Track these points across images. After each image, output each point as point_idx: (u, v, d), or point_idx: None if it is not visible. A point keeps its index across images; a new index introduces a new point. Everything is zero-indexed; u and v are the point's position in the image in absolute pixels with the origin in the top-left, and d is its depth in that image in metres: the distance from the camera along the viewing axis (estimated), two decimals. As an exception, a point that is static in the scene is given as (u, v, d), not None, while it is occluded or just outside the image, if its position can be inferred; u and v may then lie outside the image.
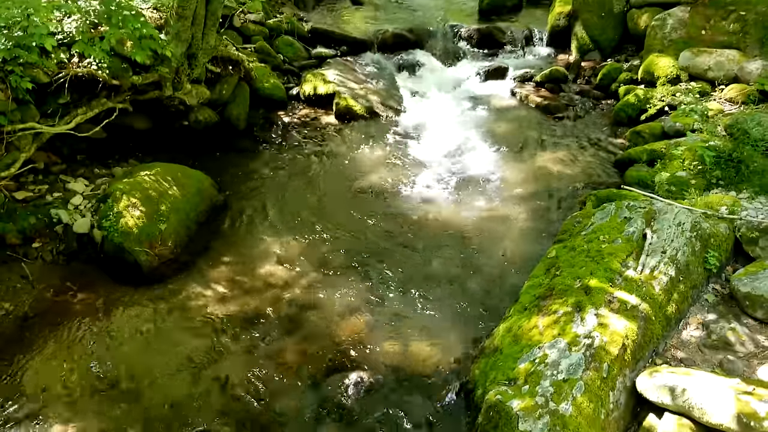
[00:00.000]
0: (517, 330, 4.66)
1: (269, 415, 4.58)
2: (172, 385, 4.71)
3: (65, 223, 5.78)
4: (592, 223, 5.38)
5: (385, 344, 5.15)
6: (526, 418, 3.89)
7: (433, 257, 6.11)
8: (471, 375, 4.72)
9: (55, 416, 4.40)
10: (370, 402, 4.68)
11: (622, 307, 4.43)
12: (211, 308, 5.39)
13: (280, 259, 6.02)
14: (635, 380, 4.18)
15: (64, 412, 4.43)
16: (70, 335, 4.98)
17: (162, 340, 5.04)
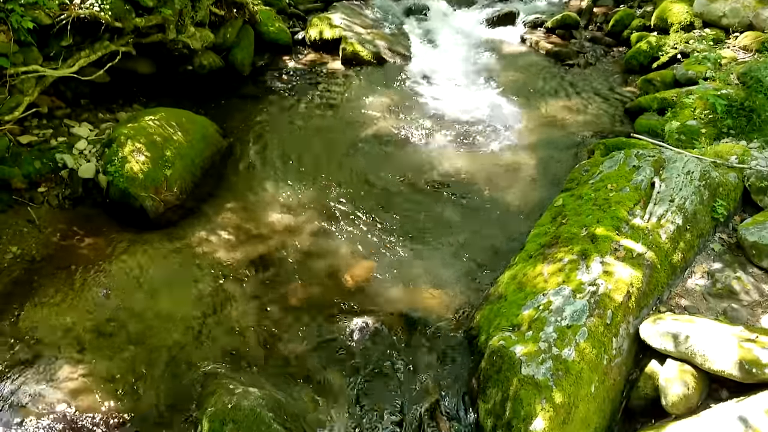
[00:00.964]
0: (522, 278, 4.67)
1: (274, 359, 4.64)
2: (179, 327, 4.76)
3: (70, 167, 5.76)
4: (600, 171, 5.34)
5: (391, 291, 5.18)
6: (529, 363, 3.93)
7: (440, 205, 6.09)
8: (475, 321, 4.76)
9: (65, 357, 4.47)
10: (375, 347, 4.73)
11: (627, 256, 4.43)
12: (217, 254, 5.41)
13: (286, 205, 6.01)
14: (638, 327, 4.21)
15: (73, 353, 4.49)
16: (77, 279, 5.01)
17: (168, 284, 5.07)
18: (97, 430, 4.07)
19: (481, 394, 4.16)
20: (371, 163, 6.65)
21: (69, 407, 4.16)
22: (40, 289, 4.92)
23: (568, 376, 3.87)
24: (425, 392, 4.44)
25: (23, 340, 4.56)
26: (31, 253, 5.18)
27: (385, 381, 4.51)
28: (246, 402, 4.07)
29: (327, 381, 4.52)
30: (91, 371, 4.40)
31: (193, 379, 4.45)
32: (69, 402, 4.19)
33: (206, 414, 4.07)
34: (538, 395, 3.83)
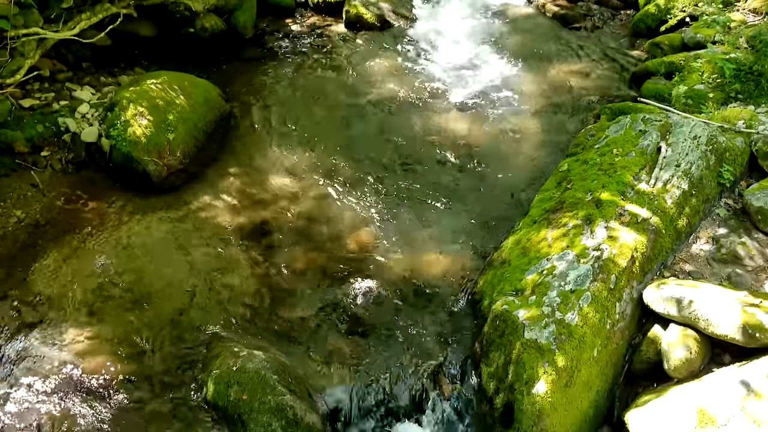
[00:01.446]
0: (526, 243, 4.66)
1: (278, 322, 4.67)
2: (183, 291, 4.78)
3: (73, 131, 5.73)
4: (606, 136, 5.29)
5: (394, 255, 5.18)
6: (532, 327, 3.95)
7: (445, 170, 6.06)
8: (478, 286, 4.77)
9: (70, 321, 4.50)
10: (378, 311, 4.75)
11: (632, 221, 4.41)
12: (221, 218, 5.41)
13: (289, 170, 5.99)
14: (642, 292, 4.21)
15: (79, 316, 4.53)
16: (81, 243, 5.02)
17: (173, 248, 5.08)
18: (103, 392, 4.12)
19: (484, 357, 4.19)
20: (375, 128, 6.60)
21: (75, 369, 4.21)
22: (44, 253, 4.93)
23: (571, 340, 3.89)
24: (428, 356, 4.47)
25: (29, 303, 4.59)
26: (35, 217, 5.19)
27: (388, 345, 4.54)
28: (250, 364, 4.11)
29: (331, 344, 4.55)
30: (97, 334, 4.44)
31: (197, 342, 4.49)
32: (75, 364, 4.23)
33: (211, 376, 4.12)
34: (541, 359, 3.85)
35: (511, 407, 3.87)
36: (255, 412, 3.92)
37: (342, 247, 5.24)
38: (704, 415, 3.59)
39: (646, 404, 3.88)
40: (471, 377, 4.31)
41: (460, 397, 4.28)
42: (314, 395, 4.24)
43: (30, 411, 3.99)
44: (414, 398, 4.29)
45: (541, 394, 3.79)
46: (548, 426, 3.80)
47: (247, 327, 4.64)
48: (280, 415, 3.90)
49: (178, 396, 4.21)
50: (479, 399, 4.18)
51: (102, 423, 3.98)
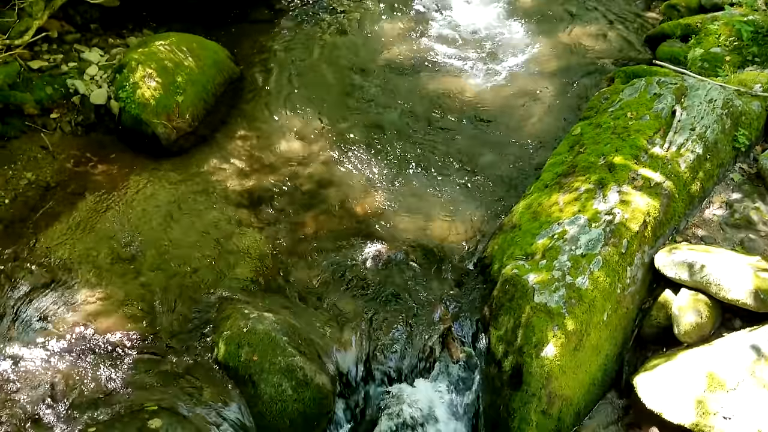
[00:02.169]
0: (537, 207, 4.63)
1: (288, 285, 4.70)
2: (193, 254, 4.79)
3: (82, 93, 5.70)
4: (620, 99, 5.21)
5: (404, 220, 5.17)
6: (542, 291, 3.95)
7: (456, 134, 6.00)
8: (488, 250, 4.76)
9: (81, 282, 4.53)
10: (388, 274, 4.76)
11: (645, 185, 4.37)
12: (231, 182, 5.40)
13: (299, 134, 5.95)
14: (654, 257, 4.20)
15: (90, 278, 4.55)
16: (92, 205, 5.03)
17: (183, 211, 5.09)
18: (115, 351, 4.17)
19: (493, 321, 4.20)
20: (385, 91, 6.53)
21: (87, 329, 4.25)
22: (55, 216, 4.94)
23: (581, 304, 3.89)
24: (437, 319, 4.49)
25: (41, 264, 4.61)
26: (45, 179, 5.19)
27: (397, 308, 4.56)
28: (261, 326, 4.13)
29: (340, 307, 4.57)
30: (108, 295, 4.47)
31: (208, 303, 4.52)
32: (87, 324, 4.27)
33: (222, 337, 4.15)
34: (551, 322, 3.86)
35: (520, 370, 3.89)
36: (265, 372, 3.96)
37: (351, 210, 5.23)
38: (713, 379, 3.60)
39: (654, 368, 3.89)
40: (480, 341, 4.33)
41: (469, 360, 4.31)
42: (324, 357, 4.27)
43: (44, 370, 4.04)
44: (423, 361, 4.32)
45: (550, 357, 3.81)
46: (556, 388, 3.82)
47: (257, 289, 4.66)
48: (291, 376, 3.94)
49: (189, 356, 4.24)
50: (488, 362, 4.20)
51: (114, 382, 4.03)
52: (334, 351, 4.31)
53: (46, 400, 3.91)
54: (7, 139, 5.28)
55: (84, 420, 3.85)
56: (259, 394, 3.95)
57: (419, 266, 4.81)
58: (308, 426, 3.98)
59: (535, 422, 3.81)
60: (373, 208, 5.26)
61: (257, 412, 3.96)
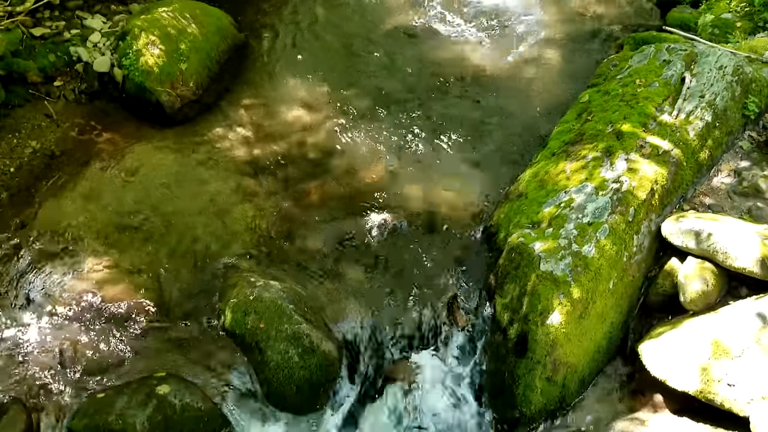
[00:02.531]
0: (544, 175, 4.61)
1: (294, 253, 4.70)
2: (199, 223, 4.79)
3: (85, 61, 5.65)
4: (628, 66, 5.14)
5: (409, 189, 5.15)
6: (548, 259, 3.94)
7: (462, 102, 5.94)
8: (494, 219, 4.74)
9: (88, 250, 4.54)
10: (393, 243, 4.76)
11: (653, 153, 4.33)
12: (235, 150, 5.37)
13: (304, 102, 5.90)
14: (660, 225, 4.18)
15: (97, 246, 4.57)
16: (96, 173, 5.02)
17: (187, 180, 5.07)
18: (122, 319, 4.20)
19: (499, 289, 4.20)
20: (390, 58, 6.45)
21: (94, 297, 4.27)
22: (60, 184, 4.94)
23: (587, 272, 3.88)
24: (442, 288, 4.50)
25: (46, 233, 4.62)
26: (50, 147, 5.18)
27: (402, 276, 4.57)
28: (267, 294, 4.15)
29: (345, 276, 4.58)
30: (115, 263, 4.49)
31: (214, 272, 4.54)
32: (94, 292, 4.29)
33: (229, 305, 4.17)
34: (556, 290, 3.86)
35: (525, 338, 3.90)
36: (272, 340, 3.99)
37: (357, 179, 5.21)
38: (718, 347, 3.61)
39: (660, 336, 3.89)
40: (485, 309, 4.34)
41: (474, 328, 4.33)
42: (330, 325, 4.29)
43: (52, 337, 4.08)
44: (428, 328, 4.34)
45: (555, 324, 3.82)
46: (561, 356, 3.84)
47: (263, 258, 4.67)
48: (297, 343, 3.96)
49: (196, 324, 4.28)
50: (493, 330, 4.21)
51: (122, 349, 4.08)
52: (339, 319, 4.33)
53: (55, 367, 3.96)
54: (10, 107, 5.25)
55: (93, 386, 3.90)
56: (265, 361, 3.98)
57: (425, 235, 4.80)
58: (314, 392, 4.01)
59: (539, 389, 3.84)
60: (378, 176, 5.24)
61: (264, 379, 4.00)
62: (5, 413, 3.68)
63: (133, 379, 3.91)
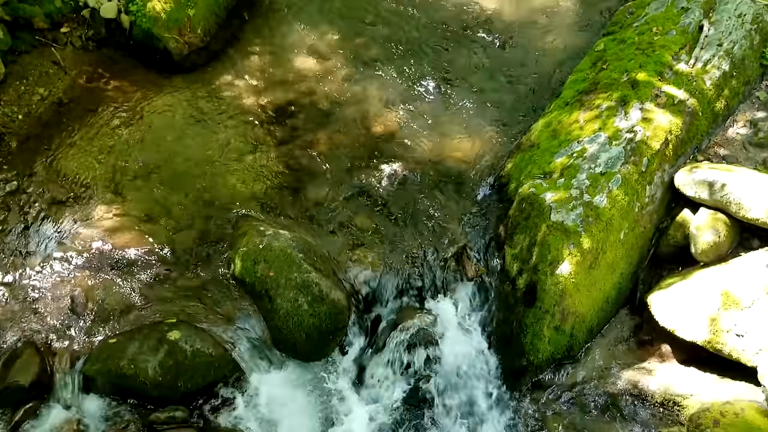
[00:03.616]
0: (557, 125, 4.54)
1: (304, 203, 4.68)
2: (209, 171, 4.77)
3: (92, 7, 5.55)
4: (645, 13, 5.01)
5: (420, 139, 5.10)
6: (559, 209, 3.91)
7: (474, 51, 5.83)
8: (505, 170, 4.70)
9: (98, 198, 4.54)
10: (403, 193, 4.73)
11: (668, 102, 4.25)
12: (244, 99, 5.32)
13: (314, 50, 5.80)
14: (674, 176, 4.13)
15: (106, 194, 4.57)
16: (105, 121, 4.98)
17: (196, 128, 5.04)
18: (133, 266, 4.22)
19: (508, 240, 4.19)
20: (402, 7, 6.31)
21: (105, 244, 4.29)
22: (69, 132, 4.91)
23: (598, 222, 3.86)
24: (452, 238, 4.49)
25: (57, 181, 4.62)
26: (58, 95, 5.13)
27: (413, 227, 4.56)
28: (276, 243, 4.16)
29: (356, 226, 4.58)
30: (126, 211, 4.49)
31: (224, 220, 4.54)
32: (105, 239, 4.31)
33: (239, 254, 4.18)
34: (567, 241, 3.84)
35: (534, 287, 3.91)
36: (281, 288, 4.01)
37: (368, 129, 5.15)
38: (728, 298, 3.60)
39: (669, 287, 3.89)
40: (494, 259, 4.34)
41: (483, 279, 4.33)
42: (339, 274, 4.31)
43: (64, 283, 4.11)
44: (438, 278, 4.35)
45: (564, 274, 3.81)
46: (570, 305, 3.85)
47: (273, 207, 4.66)
48: (306, 291, 3.98)
49: (206, 272, 4.30)
50: (502, 280, 4.22)
51: (133, 296, 4.11)
52: (349, 268, 4.34)
53: (67, 313, 4.00)
54: (17, 53, 5.19)
55: (105, 331, 3.95)
56: (275, 309, 4.02)
57: (435, 186, 4.77)
58: (323, 339, 4.05)
59: (547, 338, 3.86)
60: (389, 126, 5.18)
61: (273, 326, 4.04)
62: (20, 357, 3.74)
63: (144, 325, 3.95)
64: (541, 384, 4.07)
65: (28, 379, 3.68)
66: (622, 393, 3.85)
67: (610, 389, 3.89)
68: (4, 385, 3.65)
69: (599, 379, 3.97)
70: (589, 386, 3.97)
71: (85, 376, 3.77)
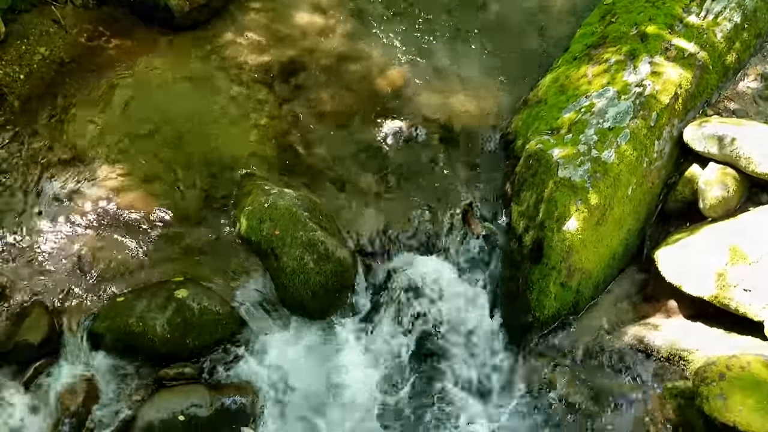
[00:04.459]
0: (564, 80, 4.48)
1: (308, 161, 4.66)
2: (212, 131, 4.73)
3: (91, -36, 5.47)
4: (655, -35, 4.90)
5: (426, 96, 5.03)
6: (566, 166, 3.88)
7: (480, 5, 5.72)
8: (512, 126, 4.66)
9: (102, 158, 4.51)
10: (408, 151, 4.70)
11: (678, 55, 4.18)
12: (247, 56, 5.24)
13: (316, 6, 5.69)
14: (683, 130, 4.08)
15: (110, 154, 4.53)
16: (108, 81, 4.93)
17: (199, 87, 4.98)
18: (138, 226, 4.22)
19: (515, 197, 4.17)
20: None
21: (110, 204, 4.28)
22: (72, 91, 4.87)
23: (605, 178, 3.83)
24: (458, 196, 4.47)
25: (60, 140, 4.59)
26: (59, 54, 5.07)
27: (418, 184, 4.53)
28: (282, 201, 4.14)
29: (360, 184, 4.56)
30: (129, 171, 4.47)
31: (229, 180, 4.51)
32: (110, 199, 4.30)
33: (244, 213, 4.18)
34: (574, 197, 3.82)
35: (541, 244, 3.90)
36: (287, 246, 4.00)
37: (372, 86, 5.09)
38: (736, 253, 3.59)
39: (676, 242, 3.88)
40: (501, 216, 4.33)
41: (489, 236, 4.32)
42: (344, 232, 4.30)
43: (71, 243, 4.12)
44: (443, 237, 4.34)
45: (571, 231, 3.80)
46: (576, 262, 3.84)
47: (278, 166, 4.63)
48: (312, 250, 3.98)
49: (212, 231, 4.29)
50: (509, 237, 4.21)
51: (140, 255, 4.11)
52: (354, 226, 4.33)
53: (74, 272, 4.02)
54: (17, 12, 5.12)
55: (112, 290, 3.97)
56: (281, 267, 4.02)
57: (441, 143, 4.73)
58: (330, 297, 4.07)
59: (553, 294, 3.86)
60: (393, 83, 5.12)
61: (280, 284, 4.05)
62: (29, 316, 3.77)
63: (151, 284, 3.97)
64: (547, 340, 4.09)
65: (37, 338, 3.71)
66: (628, 348, 3.86)
67: (615, 345, 3.90)
68: (13, 344, 3.69)
69: (605, 334, 3.98)
70: (594, 342, 3.98)
71: (94, 333, 3.80)
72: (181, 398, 3.73)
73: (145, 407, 3.71)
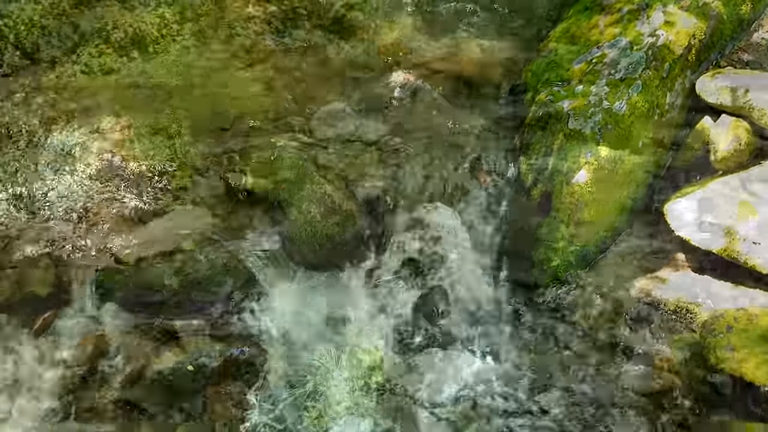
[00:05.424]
0: (576, 30, 4.39)
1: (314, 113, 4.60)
2: (216, 83, 4.66)
3: None
4: None
5: (434, 47, 4.95)
6: (577, 117, 3.83)
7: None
8: (522, 78, 4.58)
9: (104, 111, 4.45)
10: (416, 103, 4.64)
11: (693, 5, 4.09)
12: (249, 7, 5.13)
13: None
14: (695, 82, 4.01)
15: (112, 106, 4.47)
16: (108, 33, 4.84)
17: (201, 39, 4.89)
18: (144, 179, 4.19)
19: (524, 149, 4.13)
20: None
21: (114, 156, 4.24)
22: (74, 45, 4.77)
23: (617, 129, 3.78)
24: (466, 149, 4.42)
25: (62, 93, 4.53)
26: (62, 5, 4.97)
27: (426, 138, 4.49)
28: (288, 155, 4.11)
29: (366, 137, 4.51)
30: (133, 123, 4.41)
31: (234, 133, 4.46)
32: (114, 151, 4.26)
33: (250, 166, 4.14)
34: (584, 149, 3.78)
35: (549, 197, 3.87)
36: (294, 199, 3.99)
37: (379, 37, 5.00)
38: (745, 206, 3.56)
39: (686, 195, 3.84)
40: (510, 170, 4.28)
41: (498, 188, 4.29)
42: (351, 186, 4.27)
43: (75, 196, 4.09)
44: (451, 189, 4.31)
45: (580, 184, 3.77)
46: (585, 216, 3.82)
47: (284, 119, 4.58)
48: (319, 203, 3.97)
49: (218, 185, 4.27)
50: (517, 190, 4.18)
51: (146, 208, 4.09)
52: (361, 180, 4.30)
53: (82, 224, 4.00)
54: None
55: (120, 243, 3.96)
56: (288, 220, 4.00)
57: (449, 95, 4.67)
58: (337, 250, 4.06)
59: (561, 248, 3.85)
60: (400, 34, 5.02)
61: (287, 237, 4.04)
62: (36, 268, 3.77)
63: (158, 239, 3.96)
64: (554, 294, 4.09)
65: (45, 290, 3.72)
66: (635, 301, 3.87)
67: (623, 298, 3.90)
68: (21, 296, 3.70)
69: (612, 288, 3.97)
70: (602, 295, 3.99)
71: (102, 285, 3.81)
72: (190, 349, 3.75)
73: (154, 358, 3.74)
